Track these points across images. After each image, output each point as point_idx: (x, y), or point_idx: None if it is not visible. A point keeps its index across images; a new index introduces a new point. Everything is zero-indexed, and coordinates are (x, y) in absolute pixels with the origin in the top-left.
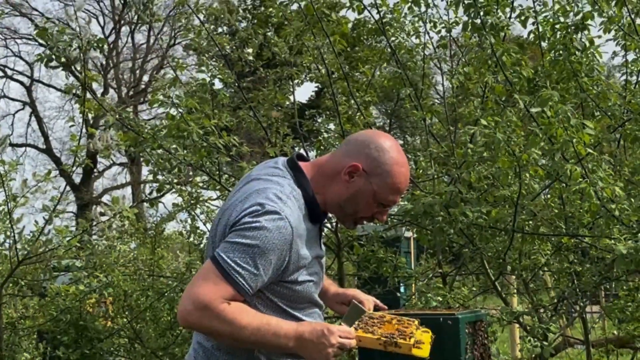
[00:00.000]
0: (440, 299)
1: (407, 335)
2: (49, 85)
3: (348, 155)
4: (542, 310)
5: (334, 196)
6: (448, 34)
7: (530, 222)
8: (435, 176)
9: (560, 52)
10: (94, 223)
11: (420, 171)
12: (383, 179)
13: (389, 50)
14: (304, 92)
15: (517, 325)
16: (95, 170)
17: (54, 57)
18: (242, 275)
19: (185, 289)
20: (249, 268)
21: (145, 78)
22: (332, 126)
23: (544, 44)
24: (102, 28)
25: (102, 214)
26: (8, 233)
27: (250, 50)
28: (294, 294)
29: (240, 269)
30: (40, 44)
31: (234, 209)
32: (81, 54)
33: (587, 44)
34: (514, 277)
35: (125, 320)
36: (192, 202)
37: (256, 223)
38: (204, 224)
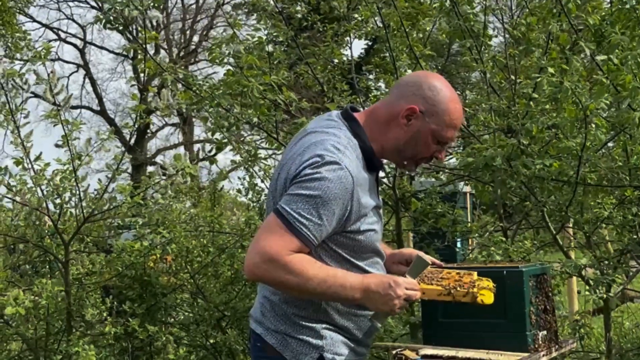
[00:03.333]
0: (502, 253)
1: (470, 284)
2: (101, 48)
3: (402, 98)
4: (604, 263)
5: (392, 141)
6: None
7: (594, 174)
8: (495, 129)
9: None
10: (157, 181)
11: (480, 124)
12: (440, 117)
13: (448, 2)
14: (355, 49)
15: (574, 279)
16: (148, 131)
17: (111, 18)
18: (306, 226)
19: (251, 243)
20: (312, 219)
21: (196, 38)
22: (381, 84)
23: None
24: None
25: (164, 173)
26: (73, 191)
27: (302, 10)
28: (357, 243)
29: (304, 220)
30: (93, 7)
31: (292, 163)
32: (140, 14)
33: None
34: (571, 230)
35: (187, 275)
36: (250, 159)
37: (317, 174)
38: (262, 181)
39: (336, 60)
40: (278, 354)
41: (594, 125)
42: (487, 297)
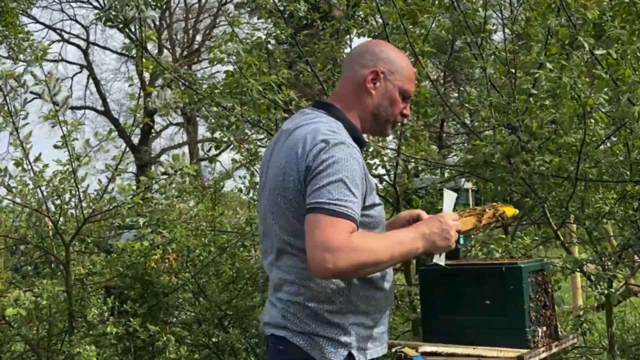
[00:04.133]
0: (501, 250)
1: (494, 208)
2: (104, 48)
3: (362, 67)
4: (605, 259)
5: (367, 109)
6: None
7: (594, 169)
8: (495, 125)
9: None
10: (156, 181)
11: (480, 120)
12: (400, 73)
13: None
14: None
15: (578, 275)
16: (152, 130)
17: (111, 16)
18: (348, 207)
19: (307, 248)
20: (349, 198)
21: (198, 38)
22: None
23: None
24: None
25: (164, 173)
26: (73, 192)
27: (303, 8)
28: (371, 220)
29: (343, 202)
30: (95, 7)
31: (296, 159)
32: (137, 13)
33: None
34: (575, 226)
35: (188, 275)
36: (250, 158)
37: (331, 158)
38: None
39: (338, 60)
40: (305, 354)
41: (593, 121)
42: (509, 210)
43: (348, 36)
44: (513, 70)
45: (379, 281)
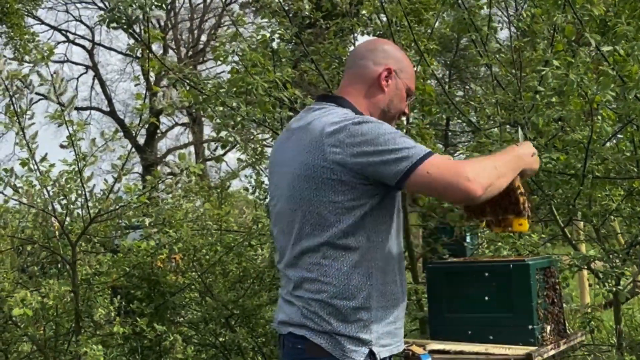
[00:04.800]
0: (509, 248)
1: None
2: (110, 49)
3: (374, 64)
4: (613, 256)
5: (377, 104)
6: None
7: (601, 166)
8: (501, 123)
9: None
10: (162, 180)
11: (486, 119)
12: (407, 71)
13: None
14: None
15: (586, 272)
16: (158, 131)
17: (115, 17)
18: (421, 147)
19: (444, 195)
20: (412, 143)
21: (204, 38)
22: None
23: None
24: None
25: (170, 173)
26: (79, 192)
27: (307, 6)
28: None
29: (414, 145)
30: (100, 8)
31: (324, 152)
32: (142, 13)
33: None
34: (582, 223)
35: (195, 274)
36: (256, 157)
37: (366, 129)
38: (269, 179)
39: (343, 58)
40: (326, 354)
41: (600, 118)
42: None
43: (352, 35)
44: (518, 69)
45: (397, 276)
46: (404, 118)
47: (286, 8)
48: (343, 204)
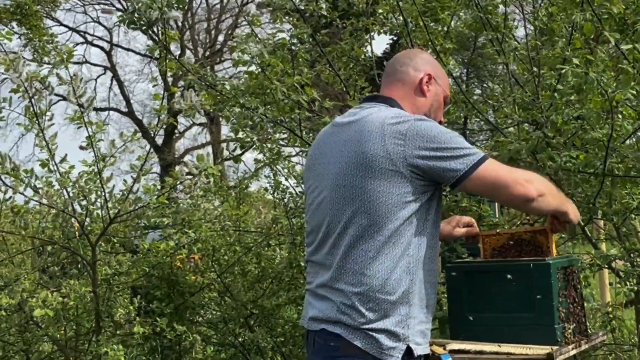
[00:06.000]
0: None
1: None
2: (128, 50)
3: (415, 70)
4: (634, 255)
5: (420, 108)
6: None
7: (621, 165)
8: (519, 122)
9: None
10: (180, 181)
11: (503, 117)
12: (443, 79)
13: None
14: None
15: (606, 271)
16: (176, 131)
17: (135, 18)
18: (476, 152)
19: (501, 187)
20: (469, 146)
21: (221, 38)
22: None
23: None
24: None
25: (188, 173)
26: (99, 192)
27: (324, 6)
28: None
29: (473, 147)
30: (118, 9)
31: (385, 144)
32: (161, 14)
33: None
34: (602, 222)
35: (214, 274)
36: (274, 157)
37: (432, 130)
38: (286, 179)
39: (360, 58)
40: (362, 352)
41: (620, 116)
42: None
43: (368, 34)
44: (536, 67)
45: (433, 276)
46: None
47: (301, 8)
48: (397, 197)
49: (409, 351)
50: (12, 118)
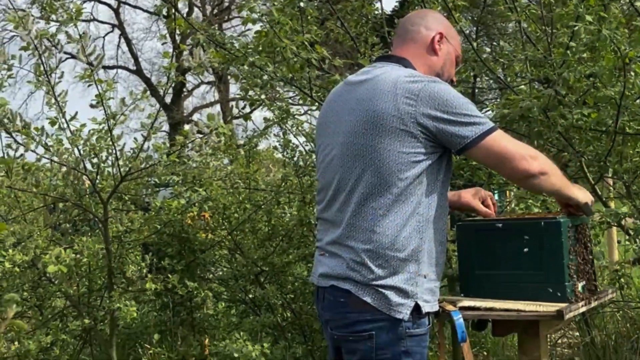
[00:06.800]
0: (540, 205)
1: None
2: (135, 7)
3: (426, 29)
4: None
5: (432, 67)
6: None
7: (633, 123)
8: (531, 79)
9: None
10: (191, 140)
11: (513, 75)
12: (455, 38)
13: None
14: (389, 2)
15: (615, 229)
16: (184, 89)
17: None
18: (487, 121)
19: (504, 159)
20: (480, 112)
21: None
22: None
23: None
24: None
25: (198, 132)
26: (110, 150)
27: None
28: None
29: (483, 116)
30: None
31: (397, 103)
32: None
33: None
34: (611, 180)
35: (225, 232)
36: (282, 116)
37: (445, 93)
38: (295, 137)
39: (369, 16)
40: (371, 308)
41: (633, 73)
42: None
43: None
44: (549, 24)
45: (443, 234)
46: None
47: None
48: (407, 156)
49: (417, 308)
50: (20, 76)
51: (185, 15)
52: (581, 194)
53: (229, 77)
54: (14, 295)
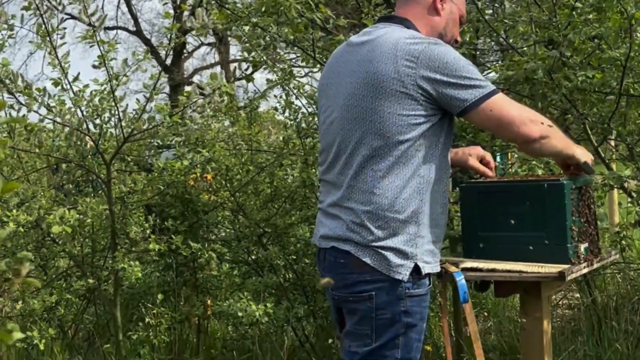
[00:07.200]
0: (543, 166)
1: None
2: None
3: None
4: None
5: (434, 27)
6: None
7: (637, 85)
8: (536, 41)
9: None
10: (194, 100)
11: (519, 37)
12: None
13: None
14: None
15: (616, 191)
16: (185, 51)
17: None
18: (488, 84)
19: (505, 122)
20: (481, 75)
21: None
22: None
23: None
24: None
25: (201, 93)
26: (112, 111)
27: None
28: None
29: (485, 79)
30: None
31: (397, 64)
32: None
33: None
34: (613, 142)
35: (227, 193)
36: (285, 77)
37: (445, 56)
38: (297, 99)
39: None
40: (371, 269)
41: (639, 35)
42: None
43: None
44: None
45: (443, 196)
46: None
47: None
48: (407, 119)
49: (417, 269)
50: (20, 36)
51: None
52: (581, 152)
53: (229, 38)
54: (28, 253)
